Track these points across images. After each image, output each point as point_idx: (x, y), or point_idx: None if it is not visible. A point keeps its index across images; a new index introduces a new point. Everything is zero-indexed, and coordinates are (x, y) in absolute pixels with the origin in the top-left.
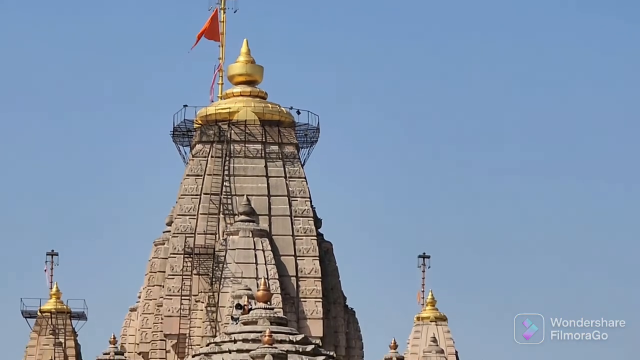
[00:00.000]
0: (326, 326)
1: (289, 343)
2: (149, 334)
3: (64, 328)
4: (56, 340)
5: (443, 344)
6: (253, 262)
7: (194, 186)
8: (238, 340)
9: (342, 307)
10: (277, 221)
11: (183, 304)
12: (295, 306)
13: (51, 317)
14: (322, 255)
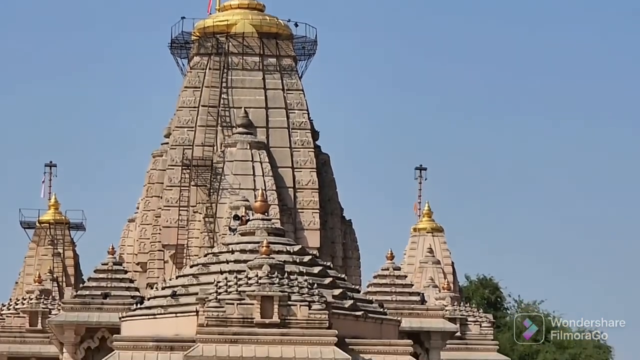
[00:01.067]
0: (323, 237)
1: (286, 254)
2: (147, 245)
3: (63, 239)
4: (55, 250)
5: (439, 254)
6: (251, 174)
7: (192, 98)
8: (235, 251)
9: (339, 218)
10: (274, 133)
11: (181, 215)
12: (292, 217)
13: (50, 228)
14: (319, 167)
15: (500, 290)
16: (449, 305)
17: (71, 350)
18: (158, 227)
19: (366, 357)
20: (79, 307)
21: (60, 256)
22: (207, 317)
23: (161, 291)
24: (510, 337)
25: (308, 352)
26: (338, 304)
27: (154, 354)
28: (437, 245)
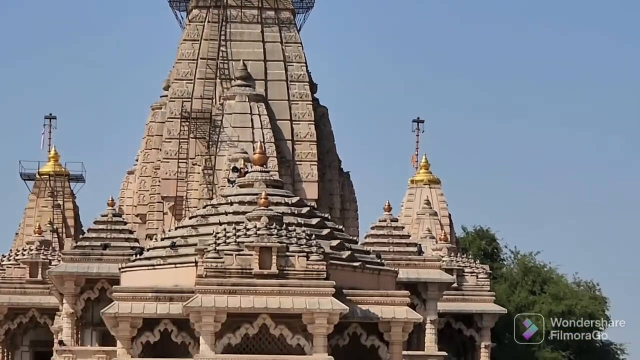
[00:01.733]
0: (321, 189)
1: (285, 205)
2: (146, 197)
3: (62, 190)
4: (54, 202)
5: (436, 206)
6: (249, 127)
7: (191, 51)
8: (234, 203)
9: (337, 170)
10: (273, 86)
11: (180, 167)
12: (290, 169)
13: (49, 180)
14: (317, 120)
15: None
16: (445, 256)
17: (71, 301)
18: (157, 179)
19: (363, 308)
20: (78, 258)
21: (60, 208)
22: (206, 268)
23: (160, 242)
24: (507, 288)
25: (306, 302)
26: (336, 255)
27: (153, 305)
28: (434, 197)
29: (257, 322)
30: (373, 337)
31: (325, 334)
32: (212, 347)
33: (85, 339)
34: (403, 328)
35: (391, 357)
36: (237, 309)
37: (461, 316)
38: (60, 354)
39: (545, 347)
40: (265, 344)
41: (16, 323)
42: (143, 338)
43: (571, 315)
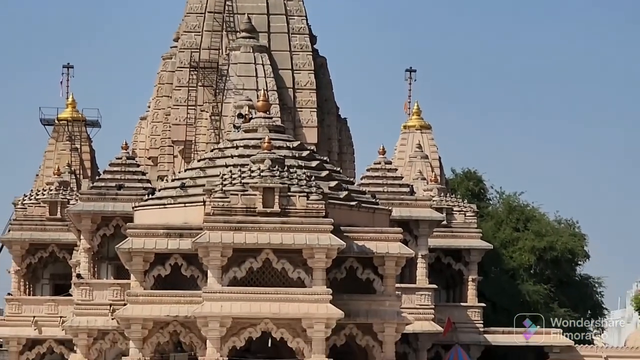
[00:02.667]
0: (320, 134)
1: (286, 149)
2: (158, 141)
3: (80, 135)
4: (72, 146)
5: (427, 150)
6: (253, 76)
7: (199, 5)
8: (239, 147)
9: (335, 117)
10: (275, 38)
11: (189, 114)
12: (292, 115)
13: (67, 125)
14: (317, 69)
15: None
16: (435, 196)
17: (88, 237)
18: (168, 124)
19: (359, 244)
20: (95, 198)
21: (77, 151)
22: (214, 207)
23: (171, 183)
24: (493, 225)
25: (306, 238)
26: (334, 194)
27: (164, 241)
28: (426, 141)
29: (261, 257)
30: (368, 270)
31: (324, 268)
32: (219, 280)
33: (101, 273)
34: (396, 262)
35: (385, 289)
36: (242, 245)
37: (450, 251)
38: (78, 286)
39: (527, 281)
40: (268, 277)
41: (37, 258)
42: (155, 272)
43: (552, 250)
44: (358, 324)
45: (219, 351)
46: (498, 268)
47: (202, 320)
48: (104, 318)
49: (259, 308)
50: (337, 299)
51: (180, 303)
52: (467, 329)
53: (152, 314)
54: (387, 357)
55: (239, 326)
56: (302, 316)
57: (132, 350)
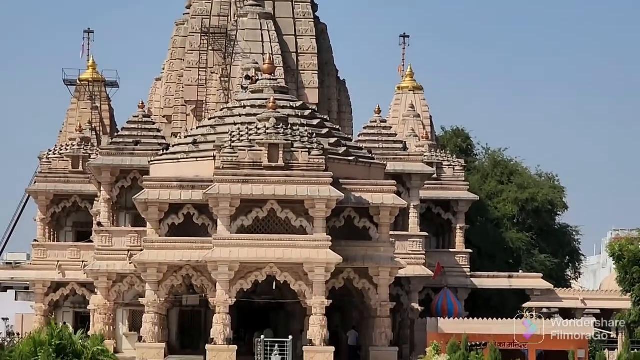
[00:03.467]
0: (321, 95)
1: (290, 108)
2: (171, 101)
3: (100, 95)
4: (93, 104)
5: (419, 109)
6: (260, 41)
7: None
8: (247, 106)
9: (334, 79)
10: (280, 6)
11: (200, 75)
12: (295, 78)
13: (88, 85)
14: (318, 35)
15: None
16: (427, 151)
17: (108, 189)
18: (181, 85)
19: (357, 195)
20: (114, 153)
21: (97, 109)
22: (223, 161)
23: (184, 139)
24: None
25: (308, 190)
26: (333, 150)
27: (178, 192)
28: (418, 101)
29: (266, 207)
30: (365, 219)
31: (324, 217)
32: (228, 228)
33: (120, 221)
34: (390, 212)
35: (380, 237)
36: (249, 196)
37: (440, 202)
38: (98, 233)
39: (511, 229)
40: (273, 226)
41: (61, 207)
42: (169, 220)
43: (534, 201)
44: (355, 268)
45: (228, 293)
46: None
47: (212, 264)
48: (122, 262)
49: (265, 253)
50: (336, 245)
51: (193, 249)
52: (456, 273)
53: (167, 259)
54: (382, 298)
55: (246, 270)
56: (304, 261)
57: (148, 292)
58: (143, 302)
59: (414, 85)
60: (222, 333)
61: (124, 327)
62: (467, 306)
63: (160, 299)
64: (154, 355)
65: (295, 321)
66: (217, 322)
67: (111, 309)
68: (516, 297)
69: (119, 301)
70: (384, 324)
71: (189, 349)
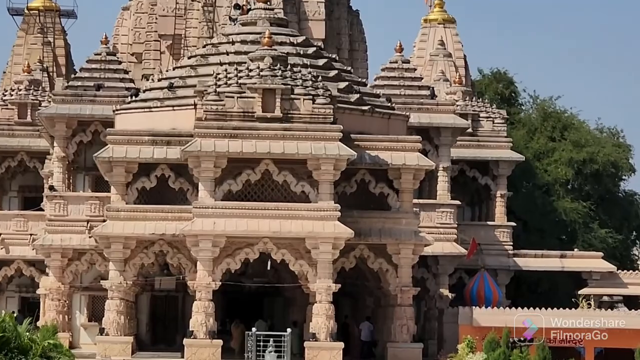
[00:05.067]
0: (328, 28)
1: (290, 45)
2: (142, 34)
3: (53, 26)
4: (44, 39)
5: (451, 47)
6: None
7: None
8: (236, 42)
9: (345, 8)
10: None
11: (178, 3)
12: (296, 7)
13: (39, 15)
14: None
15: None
16: (460, 100)
17: (62, 144)
18: (154, 15)
19: (372, 154)
20: (70, 99)
21: (50, 45)
22: (206, 111)
23: (157, 83)
24: (525, 134)
25: (311, 148)
26: (343, 98)
27: (150, 149)
28: (449, 37)
29: (260, 168)
30: (382, 184)
31: (332, 181)
32: (211, 194)
33: (77, 185)
34: (414, 175)
35: (401, 205)
36: (238, 154)
37: (476, 163)
38: (50, 199)
39: (564, 197)
40: (267, 191)
41: (4, 167)
42: (138, 184)
43: (593, 163)
44: (370, 245)
45: (211, 275)
46: (530, 183)
47: (192, 239)
48: (80, 236)
49: (257, 226)
50: (346, 216)
51: (168, 220)
52: (495, 252)
53: (135, 232)
54: (403, 282)
55: (234, 246)
56: (306, 235)
57: (112, 273)
58: (106, 286)
59: (445, 18)
60: (204, 325)
61: (82, 317)
62: (509, 293)
63: (127, 282)
64: (119, 351)
65: (294, 310)
66: (198, 310)
67: (66, 294)
68: (570, 281)
69: (75, 284)
70: (406, 315)
71: (163, 343)
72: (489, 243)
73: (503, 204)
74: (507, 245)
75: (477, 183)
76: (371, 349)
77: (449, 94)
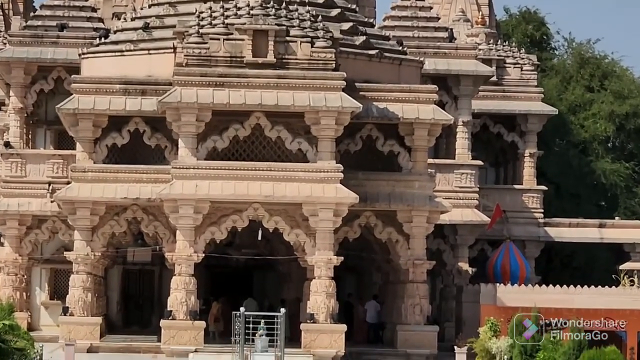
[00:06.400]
0: None
1: None
2: None
3: None
4: None
5: None
6: None
7: None
8: None
9: None
10: None
11: None
12: None
13: None
14: None
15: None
16: (483, 43)
17: (20, 93)
18: None
19: (380, 106)
20: (29, 41)
21: None
22: (187, 55)
23: (130, 23)
24: (558, 83)
25: (310, 98)
26: (347, 40)
27: (121, 99)
28: None
29: (250, 122)
30: (392, 141)
31: (333, 137)
32: (193, 152)
33: (38, 141)
34: (429, 131)
35: (413, 166)
36: (224, 106)
37: (501, 117)
38: (6, 157)
39: (604, 157)
40: (259, 149)
41: None
42: (108, 140)
43: (638, 117)
44: (377, 212)
45: (193, 246)
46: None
47: (170, 204)
48: (40, 201)
49: (246, 189)
50: (350, 178)
51: (142, 182)
52: (523, 220)
53: (105, 196)
54: (415, 255)
55: (219, 213)
56: (303, 200)
57: (77, 243)
58: (70, 258)
59: None
60: (184, 304)
61: (43, 294)
62: (539, 267)
63: (95, 254)
64: (86, 334)
65: (289, 287)
66: (177, 287)
67: (24, 268)
68: (610, 254)
69: (35, 256)
70: (419, 292)
71: (136, 325)
72: (515, 210)
73: (532, 164)
74: (536, 212)
75: (502, 140)
76: (378, 332)
77: (470, 36)
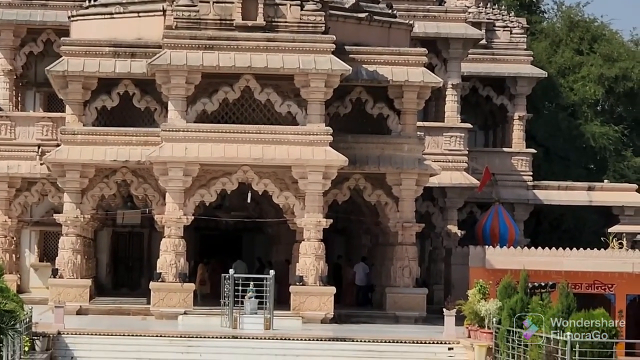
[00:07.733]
0: None
1: None
2: None
3: None
4: None
5: None
6: None
7: None
8: None
9: None
10: None
11: None
12: None
13: None
14: None
15: None
16: (472, 6)
17: (9, 56)
18: None
19: (370, 69)
20: (18, 3)
21: None
22: (177, 18)
23: None
24: (548, 46)
25: (299, 61)
26: (337, 3)
27: (111, 62)
28: None
29: (239, 85)
30: (381, 104)
31: (323, 100)
32: (182, 114)
33: (27, 103)
34: (418, 94)
35: (403, 129)
36: (214, 68)
37: (490, 80)
38: None
39: (593, 120)
40: (248, 111)
41: None
42: (98, 102)
43: (626, 80)
44: (367, 175)
45: (182, 208)
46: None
47: (160, 166)
48: (30, 163)
49: (236, 151)
50: (340, 141)
51: (132, 144)
52: (512, 183)
53: (94, 158)
54: (405, 217)
55: (208, 175)
56: (292, 163)
57: (67, 206)
58: (59, 220)
59: None
60: (174, 266)
61: (32, 256)
62: (528, 230)
63: (85, 216)
64: (75, 296)
65: (278, 249)
66: (167, 249)
67: (13, 230)
68: (599, 217)
69: (24, 218)
70: (408, 255)
71: (126, 287)
72: (504, 173)
73: (521, 127)
74: (525, 175)
75: (491, 103)
76: (367, 294)
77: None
